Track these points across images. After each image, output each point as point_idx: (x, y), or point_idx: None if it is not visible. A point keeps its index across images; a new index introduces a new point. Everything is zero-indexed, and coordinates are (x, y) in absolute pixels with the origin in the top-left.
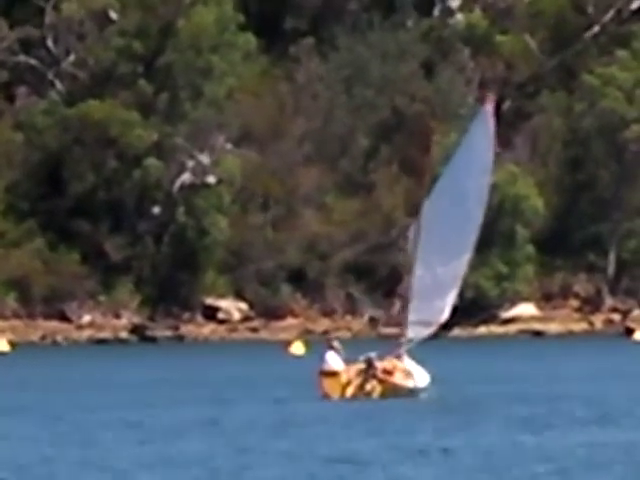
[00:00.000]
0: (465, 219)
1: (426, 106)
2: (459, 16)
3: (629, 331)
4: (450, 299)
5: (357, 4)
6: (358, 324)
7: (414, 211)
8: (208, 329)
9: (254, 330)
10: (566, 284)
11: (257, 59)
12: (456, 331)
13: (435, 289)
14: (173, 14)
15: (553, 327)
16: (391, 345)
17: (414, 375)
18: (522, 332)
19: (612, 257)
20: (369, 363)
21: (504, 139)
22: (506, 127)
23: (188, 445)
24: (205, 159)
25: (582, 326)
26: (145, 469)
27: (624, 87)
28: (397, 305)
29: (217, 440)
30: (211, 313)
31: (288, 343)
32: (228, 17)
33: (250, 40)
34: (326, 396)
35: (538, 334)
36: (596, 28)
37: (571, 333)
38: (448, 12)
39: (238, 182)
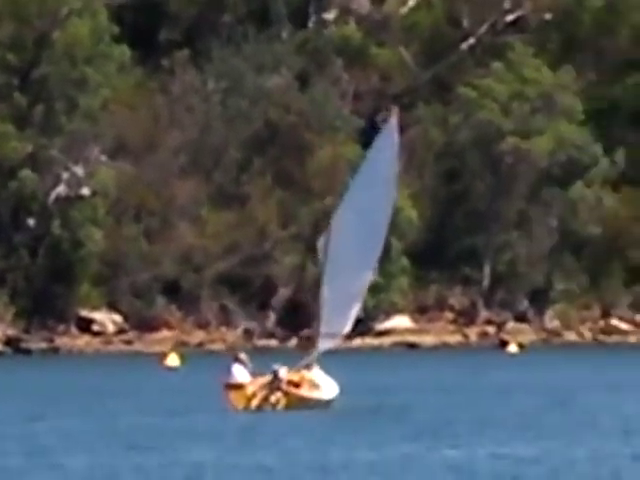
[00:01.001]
0: (370, 232)
1: (300, 118)
2: (333, 28)
3: (503, 343)
4: (354, 311)
5: (232, 16)
6: (232, 336)
7: (287, 223)
8: (83, 341)
9: (128, 342)
10: (441, 296)
11: (132, 71)
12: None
13: (341, 301)
14: (48, 26)
15: (428, 339)
16: (300, 357)
17: (321, 386)
18: (397, 344)
19: (487, 270)
20: (275, 375)
21: None
22: None
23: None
24: (80, 171)
25: (457, 338)
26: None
27: (500, 99)
28: (271, 317)
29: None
30: (86, 325)
31: (163, 355)
32: (102, 28)
33: (125, 52)
34: (231, 408)
35: (413, 346)
36: (471, 40)
37: (446, 345)
38: (323, 24)
39: (113, 194)
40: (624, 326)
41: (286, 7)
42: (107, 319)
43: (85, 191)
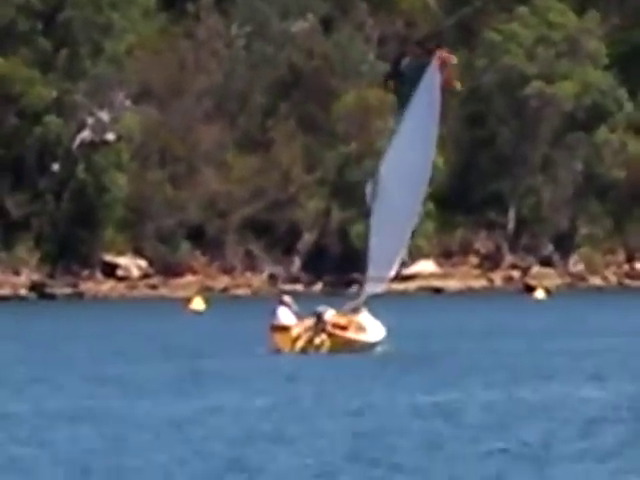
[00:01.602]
0: (416, 177)
1: (325, 63)
2: None
3: (529, 288)
4: (400, 255)
5: None
6: (258, 281)
7: (312, 167)
8: (107, 286)
9: (153, 287)
10: (466, 241)
11: (157, 16)
12: (355, 287)
13: (389, 245)
14: None
15: (452, 284)
16: (348, 300)
17: (368, 329)
18: (422, 289)
19: (512, 214)
20: (318, 317)
21: (403, 96)
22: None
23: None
24: (104, 116)
25: (482, 283)
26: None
27: (525, 44)
28: (296, 262)
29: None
30: (110, 270)
31: (187, 300)
32: None
33: None
34: (276, 350)
35: (438, 291)
36: None
37: (471, 290)
38: None
39: (137, 139)
40: None
41: None
42: (132, 264)
43: (110, 136)
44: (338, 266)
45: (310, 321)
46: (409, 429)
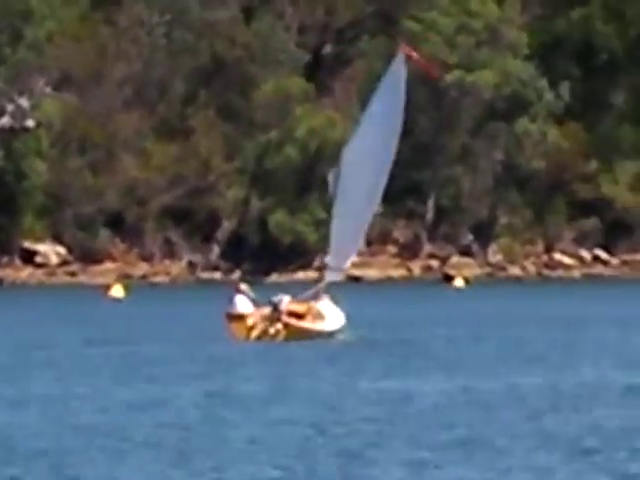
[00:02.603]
0: (378, 167)
1: (245, 51)
2: None
3: (448, 278)
4: (358, 246)
5: None
6: (176, 268)
7: (231, 156)
8: (26, 273)
9: (72, 274)
10: (385, 230)
11: (77, 2)
12: (274, 277)
13: (349, 234)
14: None
15: (371, 273)
16: (307, 288)
17: (326, 318)
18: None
19: (431, 204)
20: (274, 306)
21: (323, 85)
22: (325, 73)
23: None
24: (25, 102)
25: (400, 272)
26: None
27: (445, 32)
28: (215, 250)
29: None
30: (29, 257)
31: (106, 287)
32: None
33: None
34: (232, 338)
35: (356, 280)
36: None
37: (389, 279)
38: None
39: (57, 126)
40: (567, 260)
41: None
42: (51, 251)
43: (30, 123)
44: (256, 255)
45: (266, 310)
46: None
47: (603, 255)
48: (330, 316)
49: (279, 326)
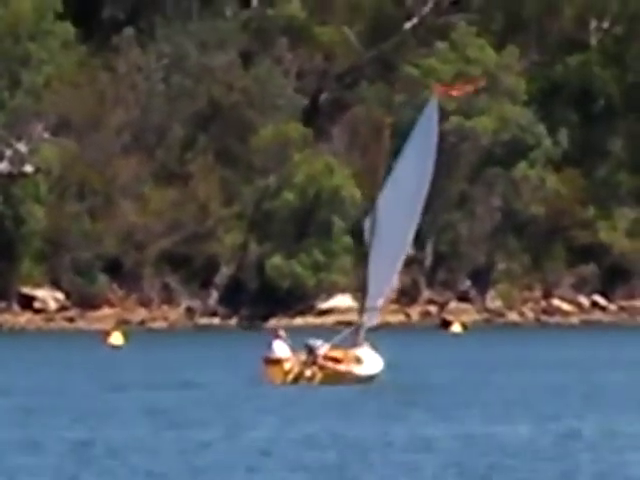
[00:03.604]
0: (410, 211)
1: (244, 96)
2: (278, 7)
3: (446, 323)
4: (391, 286)
5: None
6: (175, 314)
7: (229, 201)
8: (24, 318)
9: (70, 320)
10: None
11: (76, 48)
12: (273, 321)
13: (385, 277)
14: None
15: None
16: (344, 332)
17: (364, 362)
18: (339, 323)
19: (429, 249)
20: (310, 350)
21: (321, 130)
22: (324, 118)
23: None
24: (23, 148)
25: (399, 318)
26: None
27: (443, 79)
28: (213, 295)
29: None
30: (27, 302)
31: (105, 333)
32: (46, 5)
33: (69, 29)
34: (269, 382)
35: (348, 324)
36: (415, 20)
37: (388, 324)
38: (267, 2)
39: (56, 171)
40: (566, 307)
41: None
42: (49, 296)
43: (28, 168)
44: (255, 300)
45: (303, 354)
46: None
47: (601, 301)
48: (367, 360)
49: (315, 369)
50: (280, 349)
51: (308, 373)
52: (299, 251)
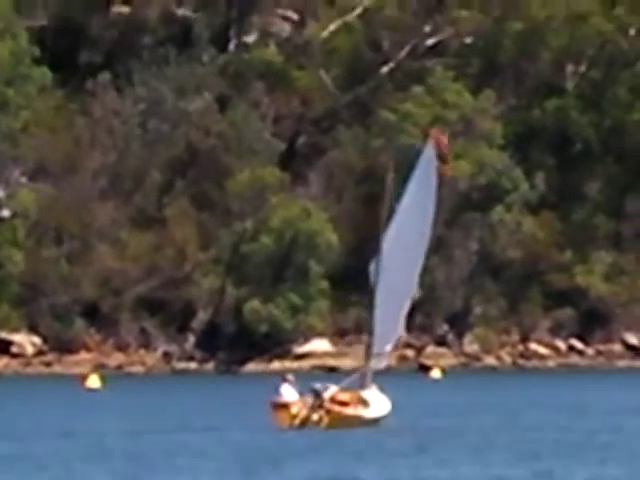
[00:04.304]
0: (414, 255)
1: (220, 141)
2: (255, 51)
3: (424, 367)
4: (399, 331)
5: (153, 38)
6: (152, 358)
7: (206, 245)
8: (1, 363)
9: (48, 364)
10: (360, 320)
11: (52, 93)
12: (250, 366)
13: (390, 321)
14: None
15: (347, 362)
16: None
17: (372, 405)
18: (316, 367)
19: None
20: (316, 394)
21: (298, 174)
22: (301, 162)
23: None
24: (0, 193)
25: None
26: None
27: (420, 123)
28: (190, 340)
29: None
30: (4, 347)
31: (82, 377)
32: (23, 50)
33: (46, 74)
34: (277, 426)
35: (332, 370)
36: (392, 64)
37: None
38: (244, 47)
39: (33, 216)
40: (543, 350)
41: (207, 30)
42: (26, 341)
43: (5, 213)
44: (232, 344)
45: (310, 398)
46: None
47: (578, 345)
48: (375, 403)
49: (322, 412)
50: (287, 393)
51: (315, 417)
52: (276, 295)
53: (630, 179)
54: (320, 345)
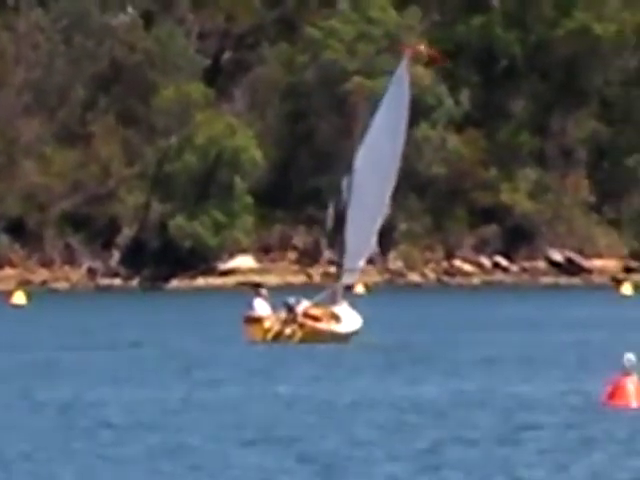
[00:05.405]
0: (386, 171)
1: (145, 57)
2: None
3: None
4: (370, 247)
5: None
6: (76, 274)
7: (131, 161)
8: None
9: None
10: (285, 236)
11: None
12: (174, 283)
13: (363, 237)
14: None
15: (271, 279)
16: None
17: (343, 320)
18: (240, 284)
19: (331, 210)
20: (289, 308)
21: (223, 91)
22: (225, 79)
23: None
24: None
25: (300, 278)
26: None
27: (345, 39)
28: (115, 256)
29: None
30: None
31: (7, 293)
32: None
33: None
34: (249, 340)
35: (256, 286)
36: None
37: (289, 285)
38: None
39: None
40: (468, 267)
41: None
42: None
43: None
44: (157, 260)
45: (283, 313)
46: None
47: (503, 262)
48: (346, 319)
49: (295, 327)
50: (261, 308)
51: (288, 331)
52: (201, 211)
53: (555, 96)
54: (244, 261)
